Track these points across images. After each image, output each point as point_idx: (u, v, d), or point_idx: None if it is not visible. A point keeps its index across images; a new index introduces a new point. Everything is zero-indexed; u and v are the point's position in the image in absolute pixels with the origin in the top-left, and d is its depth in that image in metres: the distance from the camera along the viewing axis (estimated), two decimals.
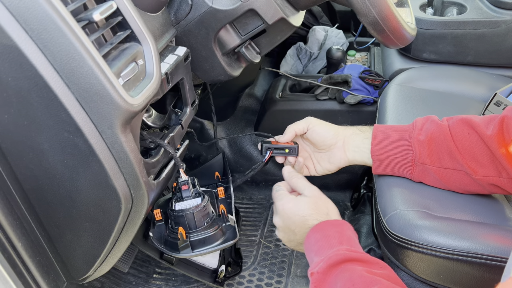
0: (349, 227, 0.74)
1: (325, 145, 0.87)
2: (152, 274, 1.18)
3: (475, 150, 0.76)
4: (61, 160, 0.58)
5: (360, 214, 1.33)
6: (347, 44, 1.77)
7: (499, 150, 0.73)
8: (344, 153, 0.87)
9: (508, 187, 0.76)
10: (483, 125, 0.76)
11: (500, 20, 1.28)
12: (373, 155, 0.84)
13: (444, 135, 0.79)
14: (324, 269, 0.65)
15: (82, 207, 0.63)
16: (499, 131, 0.74)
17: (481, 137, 0.76)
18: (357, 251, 0.68)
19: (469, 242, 0.72)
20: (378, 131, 0.85)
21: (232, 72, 0.88)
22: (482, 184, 0.78)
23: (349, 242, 0.70)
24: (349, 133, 0.87)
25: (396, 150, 0.82)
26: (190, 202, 0.80)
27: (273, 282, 1.18)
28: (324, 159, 0.90)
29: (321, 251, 0.68)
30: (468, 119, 0.79)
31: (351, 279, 0.62)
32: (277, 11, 0.79)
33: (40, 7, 0.49)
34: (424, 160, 0.80)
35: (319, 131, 0.86)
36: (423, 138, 0.80)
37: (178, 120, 0.81)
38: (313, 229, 0.72)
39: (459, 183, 0.80)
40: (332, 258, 0.66)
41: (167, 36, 0.76)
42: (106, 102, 0.54)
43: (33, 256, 0.67)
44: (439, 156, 0.79)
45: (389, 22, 0.76)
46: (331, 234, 0.70)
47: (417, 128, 0.82)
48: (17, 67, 0.51)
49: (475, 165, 0.77)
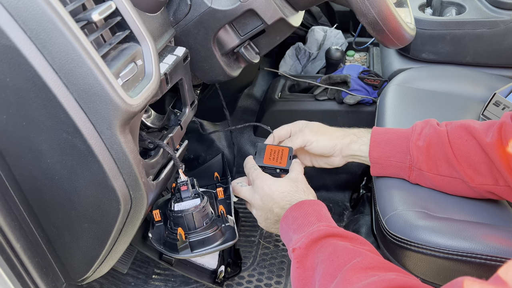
0: (325, 207, 0.75)
1: (324, 156, 0.90)
2: (151, 275, 1.18)
3: (473, 157, 0.76)
4: (59, 161, 0.58)
5: (359, 214, 1.33)
6: (346, 44, 1.77)
7: (498, 158, 0.72)
8: (342, 159, 0.89)
9: (504, 195, 0.76)
10: (482, 131, 0.75)
11: (499, 20, 1.28)
12: (371, 157, 0.85)
13: (442, 141, 0.78)
14: (306, 244, 0.66)
15: (81, 208, 0.63)
16: (498, 138, 0.73)
17: (480, 144, 0.75)
18: (337, 227, 0.70)
19: (468, 242, 0.72)
20: (377, 134, 0.85)
21: (231, 72, 0.88)
22: (478, 192, 0.78)
23: (328, 220, 0.72)
24: (346, 142, 0.87)
25: (394, 154, 0.83)
26: (189, 202, 0.79)
27: (272, 283, 1.18)
28: (323, 161, 0.92)
29: (300, 228, 0.70)
30: (467, 125, 0.78)
31: (335, 252, 0.63)
32: (276, 11, 0.79)
33: (39, 7, 0.48)
34: (421, 166, 0.80)
35: (317, 147, 0.88)
36: (421, 144, 0.80)
37: (177, 120, 0.80)
38: (291, 208, 0.74)
39: (456, 190, 0.80)
40: (314, 233, 0.67)
41: (166, 36, 0.76)
42: (105, 102, 0.54)
43: (32, 257, 0.66)
44: (436, 163, 0.79)
45: (388, 22, 0.76)
46: (310, 212, 0.72)
47: (416, 132, 0.82)
48: (15, 67, 0.51)
49: (472, 173, 0.76)
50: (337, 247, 0.64)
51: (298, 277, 0.66)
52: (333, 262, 0.61)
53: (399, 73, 1.30)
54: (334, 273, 0.60)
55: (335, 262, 0.61)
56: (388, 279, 0.54)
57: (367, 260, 0.60)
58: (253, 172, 0.83)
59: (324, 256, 0.63)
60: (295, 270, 0.66)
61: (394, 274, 0.56)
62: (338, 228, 0.69)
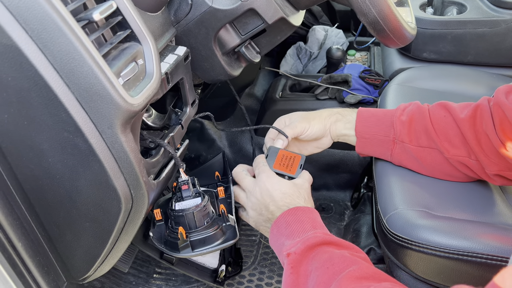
0: (319, 216, 0.76)
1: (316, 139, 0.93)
2: (152, 274, 1.18)
3: (449, 131, 0.82)
4: (61, 160, 0.58)
5: (360, 213, 1.33)
6: (347, 44, 1.77)
7: (468, 133, 0.80)
8: (331, 139, 0.93)
9: (476, 169, 0.81)
10: (458, 109, 0.83)
11: (500, 19, 1.28)
12: (357, 132, 0.89)
13: (423, 115, 0.85)
14: (302, 250, 0.66)
15: (82, 207, 0.63)
16: (471, 116, 0.80)
17: (454, 119, 0.82)
18: (333, 235, 0.70)
19: (469, 241, 0.72)
20: (363, 111, 0.90)
21: (232, 71, 0.88)
22: (453, 163, 0.83)
23: (322, 228, 0.72)
24: (333, 120, 0.91)
25: (379, 128, 0.88)
26: (190, 202, 0.79)
27: (273, 282, 1.18)
28: (312, 145, 0.95)
29: (294, 234, 0.70)
30: (446, 103, 0.85)
31: (330, 259, 0.63)
32: (277, 11, 0.79)
33: (40, 7, 0.49)
34: (404, 138, 0.85)
35: (311, 133, 0.90)
36: (404, 119, 0.86)
37: (178, 120, 0.81)
38: (286, 212, 0.74)
39: (433, 161, 0.84)
40: (311, 239, 0.67)
41: (167, 35, 0.76)
42: (106, 102, 0.54)
43: (33, 256, 0.66)
44: (417, 135, 0.85)
45: (389, 22, 0.76)
46: (304, 219, 0.72)
47: (400, 109, 0.89)
48: (17, 66, 0.51)
49: (447, 145, 0.82)
50: (333, 255, 0.64)
51: (291, 283, 0.65)
52: (328, 269, 0.61)
53: (400, 72, 1.30)
54: (329, 281, 0.60)
55: (330, 269, 0.61)
56: None
57: (362, 269, 0.60)
58: (261, 167, 0.83)
59: (319, 263, 0.63)
60: (289, 276, 0.66)
61: (390, 284, 0.56)
62: (333, 236, 0.69)
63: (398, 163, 0.89)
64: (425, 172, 0.87)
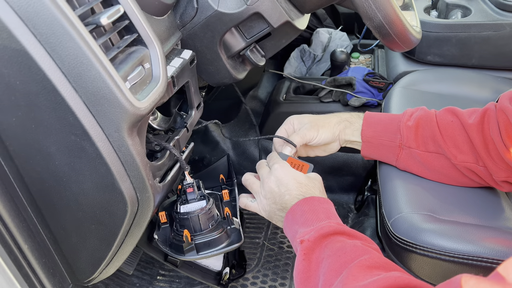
0: (334, 207, 0.76)
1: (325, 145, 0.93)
2: (156, 276, 1.18)
3: (457, 137, 0.81)
4: (68, 163, 0.58)
5: (364, 217, 1.33)
6: (351, 47, 1.77)
7: (477, 139, 0.79)
8: (339, 145, 0.93)
9: (484, 176, 0.81)
10: (466, 115, 0.82)
11: (504, 23, 1.28)
12: (363, 136, 0.88)
13: (430, 120, 0.84)
14: (315, 238, 0.67)
15: (88, 210, 0.63)
16: (479, 121, 0.79)
17: (463, 125, 0.81)
18: (346, 226, 0.71)
19: (474, 245, 0.72)
20: (369, 116, 0.90)
21: (237, 75, 0.88)
22: (460, 169, 0.82)
23: (336, 218, 0.73)
24: (342, 128, 0.91)
25: (385, 133, 0.87)
26: (195, 204, 0.80)
27: (277, 285, 1.18)
28: (320, 149, 0.94)
29: (308, 222, 0.71)
30: (454, 108, 0.85)
31: (342, 248, 0.64)
32: (282, 15, 0.79)
33: (49, 12, 0.49)
34: (410, 144, 0.85)
35: (320, 140, 0.90)
36: (411, 124, 0.85)
37: (183, 122, 0.81)
38: (301, 201, 0.74)
39: (440, 167, 0.84)
40: (324, 228, 0.68)
41: (173, 39, 0.77)
42: (113, 105, 0.54)
43: (39, 258, 0.67)
44: (424, 141, 0.84)
45: (394, 26, 0.76)
46: (319, 209, 0.73)
47: (407, 114, 0.88)
48: (25, 70, 0.51)
49: (455, 151, 0.81)
50: (346, 244, 0.65)
51: (302, 269, 0.66)
52: (339, 258, 0.62)
53: (404, 75, 1.30)
54: (340, 269, 0.60)
55: (342, 258, 0.62)
56: (394, 277, 0.54)
57: (374, 259, 0.61)
58: (276, 159, 0.83)
59: (332, 251, 0.64)
60: (301, 262, 0.66)
61: (399, 273, 0.57)
62: (346, 227, 0.70)
63: (403, 168, 0.88)
64: (431, 177, 0.87)
